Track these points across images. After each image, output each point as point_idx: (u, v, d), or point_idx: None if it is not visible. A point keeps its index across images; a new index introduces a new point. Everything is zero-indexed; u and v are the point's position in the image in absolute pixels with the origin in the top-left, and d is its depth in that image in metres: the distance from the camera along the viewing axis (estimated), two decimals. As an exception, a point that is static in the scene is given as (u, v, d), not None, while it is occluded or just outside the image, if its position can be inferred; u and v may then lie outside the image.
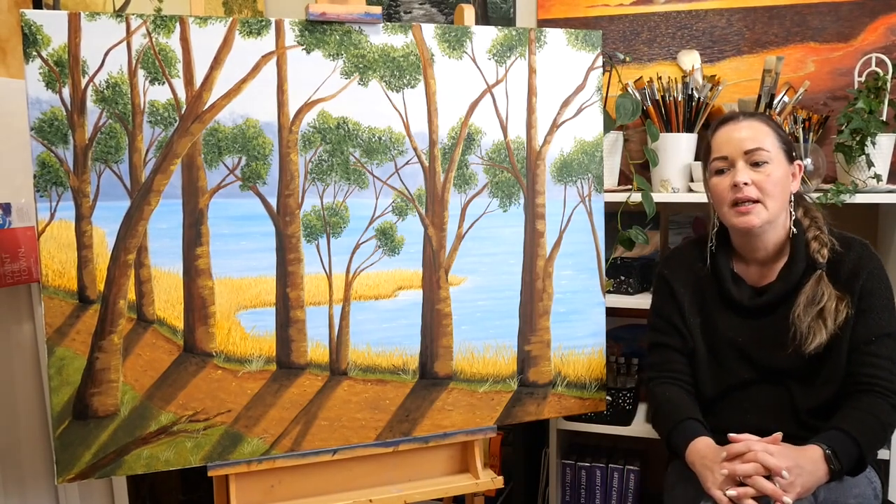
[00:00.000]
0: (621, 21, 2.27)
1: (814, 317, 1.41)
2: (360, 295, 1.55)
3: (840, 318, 1.41)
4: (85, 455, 1.40)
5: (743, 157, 1.43)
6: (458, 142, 1.58)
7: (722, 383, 1.52)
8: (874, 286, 1.42)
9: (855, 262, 1.43)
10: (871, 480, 1.41)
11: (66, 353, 1.38)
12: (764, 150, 1.42)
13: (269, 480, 1.54)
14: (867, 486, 1.39)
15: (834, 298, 1.41)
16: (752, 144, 1.42)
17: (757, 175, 1.42)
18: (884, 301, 1.42)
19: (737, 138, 1.44)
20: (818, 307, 1.41)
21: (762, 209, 1.42)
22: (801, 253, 1.45)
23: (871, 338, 1.41)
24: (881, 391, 1.38)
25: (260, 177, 1.47)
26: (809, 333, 1.41)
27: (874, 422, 1.36)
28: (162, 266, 1.43)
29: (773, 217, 1.44)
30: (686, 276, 1.57)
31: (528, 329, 1.66)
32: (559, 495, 2.20)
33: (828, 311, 1.41)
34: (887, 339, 1.41)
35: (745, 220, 1.43)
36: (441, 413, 1.61)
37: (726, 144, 1.45)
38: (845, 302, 1.42)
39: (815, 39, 2.12)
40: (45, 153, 1.35)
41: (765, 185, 1.41)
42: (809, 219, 1.49)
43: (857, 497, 1.36)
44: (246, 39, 1.44)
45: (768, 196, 1.42)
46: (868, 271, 1.42)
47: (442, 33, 1.56)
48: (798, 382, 1.46)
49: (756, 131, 1.44)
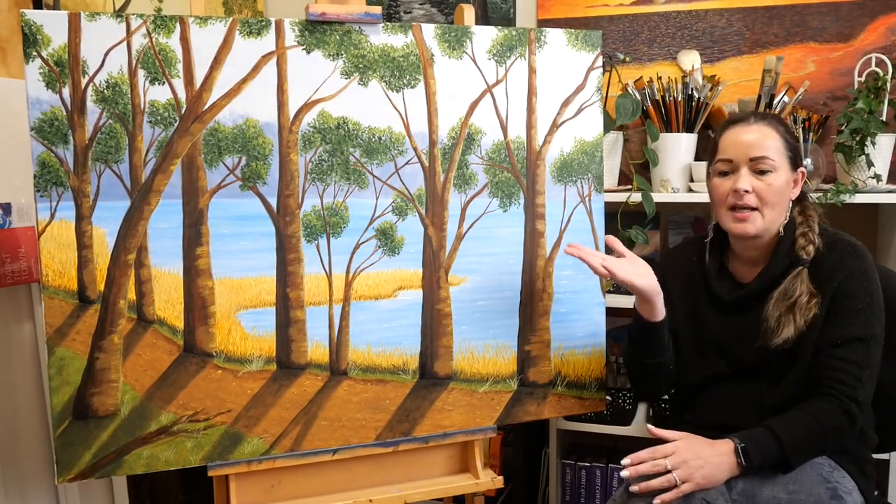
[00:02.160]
0: (621, 21, 2.27)
1: (784, 311, 1.41)
2: (360, 295, 1.55)
3: (809, 315, 1.40)
4: (85, 455, 1.40)
5: (748, 163, 1.42)
6: (458, 142, 1.58)
7: (699, 374, 1.54)
8: (851, 289, 1.39)
9: (835, 263, 1.41)
10: (830, 480, 1.37)
11: (66, 353, 1.38)
12: (769, 160, 1.41)
13: (269, 480, 1.54)
14: (818, 485, 1.36)
15: (807, 295, 1.41)
16: (759, 152, 1.42)
17: (759, 183, 1.42)
18: (859, 305, 1.39)
19: (744, 143, 1.43)
20: (789, 301, 1.41)
21: (759, 218, 1.42)
22: (784, 250, 1.45)
23: (837, 341, 1.38)
24: (836, 395, 1.35)
25: (260, 177, 1.47)
26: (778, 327, 1.41)
27: (812, 424, 1.35)
28: (162, 266, 1.43)
29: (769, 226, 1.44)
30: (680, 269, 1.61)
31: (528, 329, 1.66)
32: (559, 495, 2.20)
33: (799, 306, 1.40)
34: (857, 344, 1.37)
35: (741, 227, 1.43)
36: (441, 413, 1.61)
37: (732, 147, 1.45)
38: (817, 300, 1.40)
39: (815, 39, 2.13)
40: (45, 153, 1.35)
41: (765, 194, 1.41)
42: (804, 217, 1.48)
43: (793, 493, 1.34)
44: (246, 39, 1.44)
45: (767, 205, 1.42)
46: (846, 273, 1.40)
47: (442, 33, 1.56)
48: (767, 380, 1.46)
49: (764, 137, 1.43)
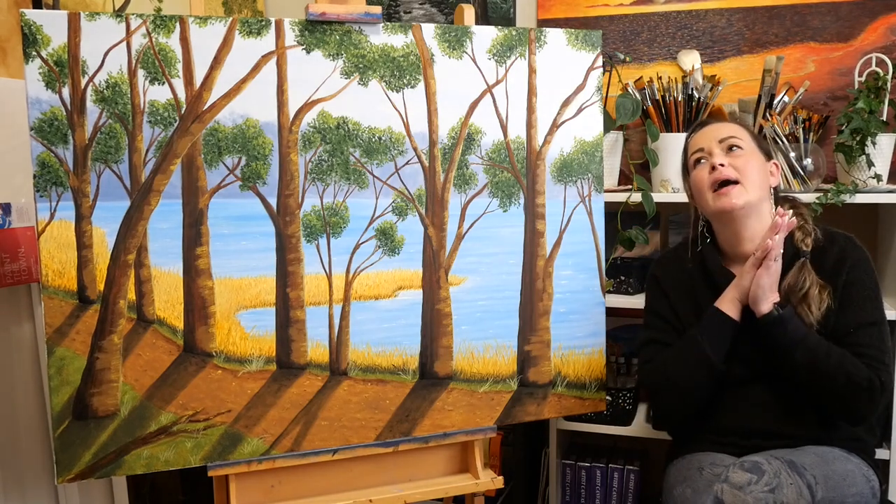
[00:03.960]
0: (621, 21, 2.27)
1: (797, 303, 1.42)
2: (360, 295, 1.55)
3: (823, 306, 1.41)
4: (85, 455, 1.40)
5: (718, 144, 1.49)
6: (458, 142, 1.58)
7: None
8: (858, 276, 1.43)
9: (839, 254, 1.44)
10: (869, 479, 1.41)
11: (66, 353, 1.38)
12: (736, 138, 1.49)
13: (269, 480, 1.54)
14: (865, 485, 1.39)
15: (817, 285, 1.42)
16: (726, 133, 1.50)
17: (733, 159, 1.47)
18: (867, 291, 1.43)
19: (711, 131, 1.53)
20: (801, 293, 1.42)
21: (742, 190, 1.44)
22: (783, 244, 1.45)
23: (851, 328, 1.41)
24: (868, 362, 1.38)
25: (260, 177, 1.47)
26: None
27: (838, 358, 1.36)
28: (162, 266, 1.43)
29: (754, 200, 1.45)
30: (676, 274, 1.59)
31: (528, 329, 1.66)
32: (559, 495, 2.20)
33: (812, 297, 1.42)
34: (871, 328, 1.41)
35: (725, 199, 1.45)
36: (441, 413, 1.61)
37: (701, 138, 1.53)
38: (828, 291, 1.42)
39: (815, 39, 2.12)
40: (45, 153, 1.35)
41: (741, 167, 1.45)
42: (797, 214, 1.49)
43: (854, 496, 1.36)
44: (246, 39, 1.44)
45: (746, 178, 1.45)
46: (852, 262, 1.43)
47: (442, 33, 1.56)
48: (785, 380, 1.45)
49: (729, 127, 1.53)
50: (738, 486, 1.26)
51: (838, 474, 1.35)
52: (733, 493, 1.25)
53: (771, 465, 1.29)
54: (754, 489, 1.25)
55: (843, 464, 1.38)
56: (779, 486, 1.25)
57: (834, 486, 1.34)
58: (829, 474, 1.33)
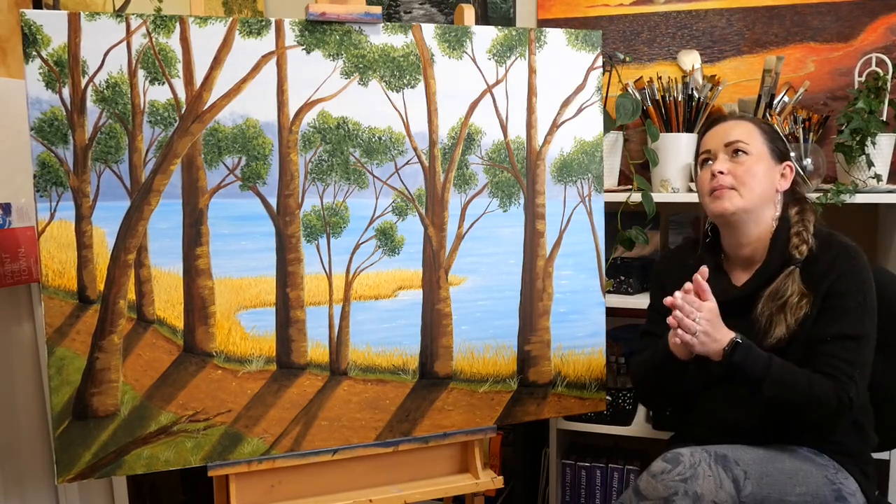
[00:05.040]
0: (621, 21, 2.27)
1: (775, 311, 1.41)
2: (360, 295, 1.55)
3: (799, 314, 1.40)
4: (85, 455, 1.40)
5: (723, 149, 1.49)
6: (458, 142, 1.58)
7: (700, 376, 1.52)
8: (843, 288, 1.39)
9: (827, 264, 1.42)
10: (834, 481, 1.38)
11: (66, 353, 1.38)
12: (742, 142, 1.47)
13: (269, 480, 1.54)
14: (823, 486, 1.36)
15: (798, 294, 1.41)
16: (733, 137, 1.48)
17: (735, 165, 1.46)
18: (851, 304, 1.38)
19: (720, 131, 1.51)
20: (780, 301, 1.41)
21: (736, 196, 1.45)
22: (779, 250, 1.46)
23: (826, 338, 1.38)
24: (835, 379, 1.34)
25: (260, 177, 1.47)
26: (770, 326, 1.41)
27: (804, 382, 1.34)
28: (162, 266, 1.43)
29: (750, 207, 1.45)
30: (677, 271, 1.59)
31: (528, 329, 1.66)
32: (559, 495, 2.20)
33: (790, 305, 1.41)
34: (847, 341, 1.37)
35: (718, 204, 1.46)
36: (441, 413, 1.61)
37: (711, 139, 1.52)
38: (808, 299, 1.41)
39: (815, 39, 2.12)
40: (45, 153, 1.35)
41: (741, 175, 1.45)
42: (800, 217, 1.48)
43: (801, 495, 1.34)
44: (246, 39, 1.44)
45: (743, 185, 1.45)
46: (839, 273, 1.40)
47: (442, 33, 1.56)
48: None
49: (741, 128, 1.49)
50: (653, 474, 1.31)
51: (783, 472, 1.35)
52: (647, 480, 1.32)
53: (693, 456, 1.32)
54: (666, 478, 1.29)
55: (797, 462, 1.38)
56: (693, 477, 1.29)
57: (771, 483, 1.33)
58: (768, 471, 1.34)
